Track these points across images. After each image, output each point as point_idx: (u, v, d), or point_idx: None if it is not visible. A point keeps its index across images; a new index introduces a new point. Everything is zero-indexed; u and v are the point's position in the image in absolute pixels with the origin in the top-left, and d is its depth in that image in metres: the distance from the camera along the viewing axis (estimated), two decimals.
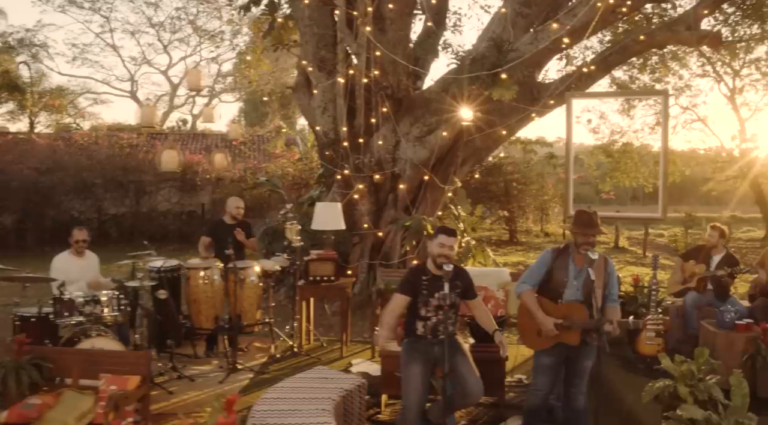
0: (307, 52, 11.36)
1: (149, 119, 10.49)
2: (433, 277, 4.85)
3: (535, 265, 4.98)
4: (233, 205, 8.05)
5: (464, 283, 4.93)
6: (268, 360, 7.38)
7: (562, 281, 4.77)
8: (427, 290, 4.85)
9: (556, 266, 4.82)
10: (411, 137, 10.64)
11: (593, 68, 11.38)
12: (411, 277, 5.00)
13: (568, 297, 4.75)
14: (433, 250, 4.83)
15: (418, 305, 4.88)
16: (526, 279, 4.93)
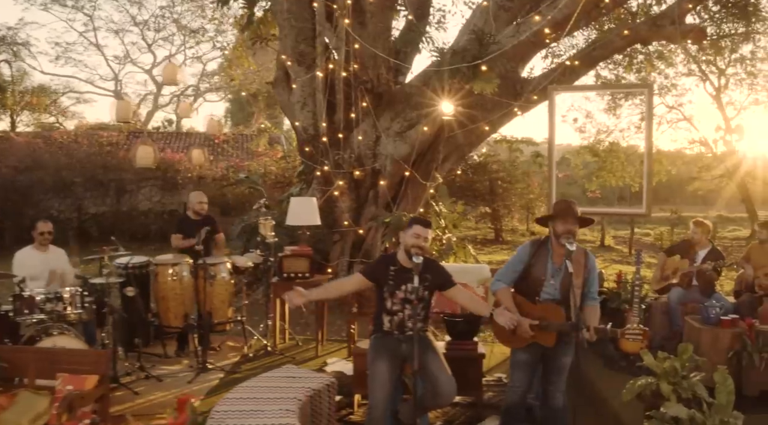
0: (286, 47, 11.13)
1: (125, 114, 10.21)
2: (401, 268, 4.65)
3: (512, 261, 4.73)
4: (195, 200, 7.82)
5: (436, 275, 4.70)
6: (240, 359, 7.14)
7: (539, 280, 4.53)
8: (393, 280, 4.65)
9: (534, 262, 4.58)
10: (391, 132, 10.44)
11: (577, 64, 11.22)
12: (378, 264, 4.85)
13: (546, 296, 4.51)
14: (407, 240, 4.62)
15: (384, 296, 4.69)
16: (502, 276, 4.68)
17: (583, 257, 4.52)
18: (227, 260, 7.24)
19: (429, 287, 4.70)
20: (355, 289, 4.90)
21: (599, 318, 4.56)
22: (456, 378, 4.71)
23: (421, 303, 4.63)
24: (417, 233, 4.58)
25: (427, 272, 4.49)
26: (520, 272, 4.60)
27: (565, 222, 4.42)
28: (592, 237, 22.22)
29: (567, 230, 4.39)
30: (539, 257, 4.57)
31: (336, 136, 10.53)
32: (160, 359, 7.09)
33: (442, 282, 4.76)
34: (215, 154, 22.20)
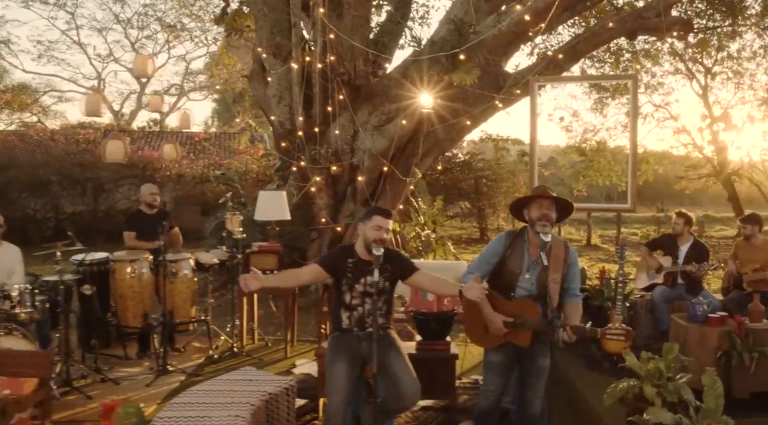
0: (262, 39, 10.80)
1: (94, 108, 9.83)
2: (360, 261, 4.32)
3: (486, 253, 4.34)
4: (147, 191, 7.46)
5: (396, 264, 4.38)
6: (204, 361, 6.77)
7: (514, 274, 4.14)
8: (352, 273, 4.32)
9: (510, 254, 4.19)
10: (369, 126, 10.12)
11: (561, 57, 10.93)
12: (335, 256, 4.52)
13: (521, 292, 4.14)
14: (368, 234, 4.25)
15: (342, 290, 4.35)
16: (474, 269, 4.29)
17: (562, 251, 4.15)
18: (190, 257, 6.89)
19: (390, 278, 4.37)
20: (311, 279, 4.66)
21: (581, 317, 4.20)
22: (428, 380, 4.39)
23: (383, 297, 4.30)
24: (378, 224, 4.23)
25: (387, 262, 4.17)
26: (495, 265, 4.23)
27: (540, 206, 4.05)
28: (579, 236, 21.98)
29: (542, 215, 4.01)
30: (515, 249, 4.19)
31: (312, 130, 10.20)
32: (121, 361, 6.72)
33: (403, 270, 4.42)
34: (195, 152, 21.83)
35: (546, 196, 4.11)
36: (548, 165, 29.12)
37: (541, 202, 4.08)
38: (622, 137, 23.44)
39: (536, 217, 4.05)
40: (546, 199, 4.09)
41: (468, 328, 4.34)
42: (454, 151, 21.16)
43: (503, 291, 4.16)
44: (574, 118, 25.02)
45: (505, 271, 4.18)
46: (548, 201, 4.08)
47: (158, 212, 7.40)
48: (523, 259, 4.14)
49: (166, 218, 7.23)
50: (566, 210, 4.26)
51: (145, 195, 7.44)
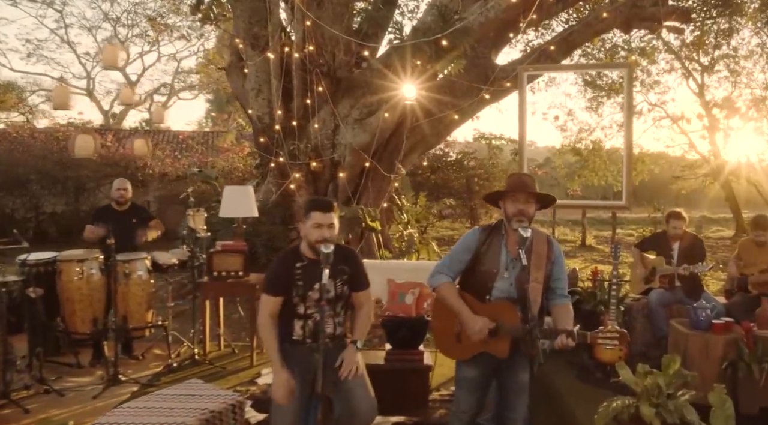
0: (239, 29, 10.27)
1: (63, 101, 9.26)
2: (309, 263, 3.69)
3: (457, 249, 3.77)
4: (114, 187, 6.92)
5: (353, 266, 3.80)
6: (163, 369, 6.21)
7: (491, 272, 3.59)
8: (302, 280, 3.68)
9: (485, 251, 3.64)
10: (350, 119, 9.59)
11: (552, 49, 10.44)
12: (279, 269, 3.79)
13: (498, 293, 3.59)
14: (310, 235, 3.66)
15: (294, 302, 3.71)
16: (443, 268, 3.74)
17: (545, 246, 3.63)
18: (145, 256, 6.31)
19: (348, 282, 3.79)
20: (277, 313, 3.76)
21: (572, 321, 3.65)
22: (398, 394, 3.87)
23: (339, 302, 3.75)
24: (317, 222, 3.63)
25: (343, 262, 3.63)
26: (468, 263, 3.68)
27: (516, 201, 3.53)
28: (574, 237, 21.46)
29: (518, 210, 3.50)
30: (491, 245, 3.64)
31: (291, 124, 9.69)
32: (72, 369, 6.15)
33: (355, 279, 3.83)
34: (180, 151, 21.30)
35: (521, 190, 3.58)
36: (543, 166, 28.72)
37: (516, 197, 3.56)
38: (618, 137, 23.13)
39: (512, 213, 3.54)
40: (523, 192, 3.57)
41: (437, 336, 3.79)
42: (446, 149, 20.67)
43: (477, 293, 3.62)
44: (569, 117, 24.73)
45: (480, 270, 3.64)
46: (524, 196, 3.56)
47: (130, 209, 6.86)
48: (501, 256, 3.61)
49: (140, 214, 6.70)
50: (546, 200, 3.73)
51: (113, 191, 6.93)
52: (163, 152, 20.06)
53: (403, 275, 6.35)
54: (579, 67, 14.12)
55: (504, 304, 3.51)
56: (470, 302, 3.58)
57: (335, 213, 3.70)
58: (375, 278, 6.45)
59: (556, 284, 3.67)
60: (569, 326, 3.47)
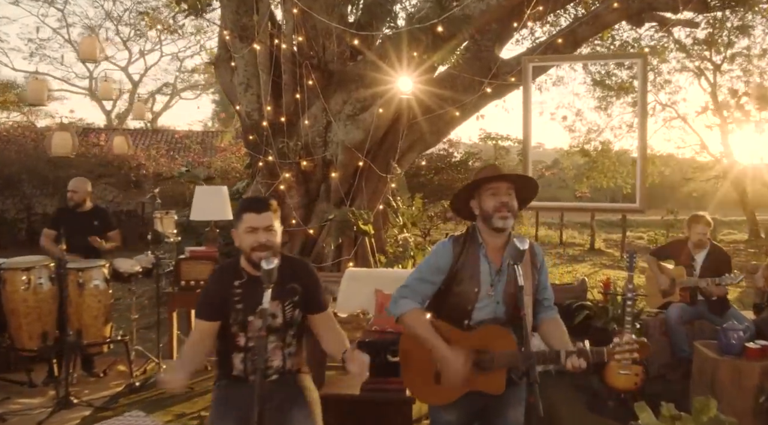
0: (226, 19, 9.65)
1: (38, 96, 8.69)
2: (250, 280, 3.00)
3: (425, 269, 3.07)
4: (69, 187, 6.32)
5: (309, 284, 3.10)
6: (123, 389, 5.59)
7: (470, 293, 2.92)
8: (242, 302, 2.99)
9: (461, 267, 2.95)
10: (343, 115, 8.95)
11: (560, 41, 9.77)
12: (213, 287, 3.11)
13: (482, 316, 2.92)
14: (243, 242, 2.99)
15: (232, 329, 3.03)
16: (407, 292, 3.04)
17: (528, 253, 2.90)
18: (102, 264, 5.69)
19: (300, 304, 3.09)
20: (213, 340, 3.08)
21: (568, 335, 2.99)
22: None
23: (290, 330, 3.07)
24: (250, 225, 2.95)
25: (293, 278, 2.99)
26: (440, 284, 3.01)
27: (496, 192, 2.88)
28: (582, 240, 20.78)
29: (500, 203, 2.85)
30: (468, 258, 2.96)
31: (280, 121, 9.07)
32: (22, 389, 5.54)
33: (310, 299, 3.12)
34: (176, 150, 20.73)
35: (500, 176, 2.92)
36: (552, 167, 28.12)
37: (495, 187, 2.89)
38: (627, 137, 22.59)
39: (492, 208, 2.88)
40: (501, 180, 2.90)
41: (409, 379, 3.09)
42: (450, 149, 20.03)
43: (453, 319, 2.95)
44: (577, 117, 24.11)
45: (456, 291, 2.97)
46: (505, 184, 2.89)
47: (91, 211, 6.25)
48: (481, 270, 2.93)
49: (101, 218, 6.10)
50: (529, 191, 3.06)
51: (68, 191, 6.33)
52: (158, 151, 19.49)
53: (393, 285, 5.68)
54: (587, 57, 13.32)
55: (493, 329, 2.86)
56: (447, 332, 2.91)
57: (274, 213, 3.01)
58: (362, 289, 5.84)
59: (543, 295, 3.05)
60: (567, 342, 2.85)
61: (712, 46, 20.15)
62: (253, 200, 3.19)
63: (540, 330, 3.00)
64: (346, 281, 5.94)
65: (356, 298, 5.77)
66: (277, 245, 2.97)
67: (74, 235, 5.72)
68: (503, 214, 2.83)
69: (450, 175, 19.38)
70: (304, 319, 3.15)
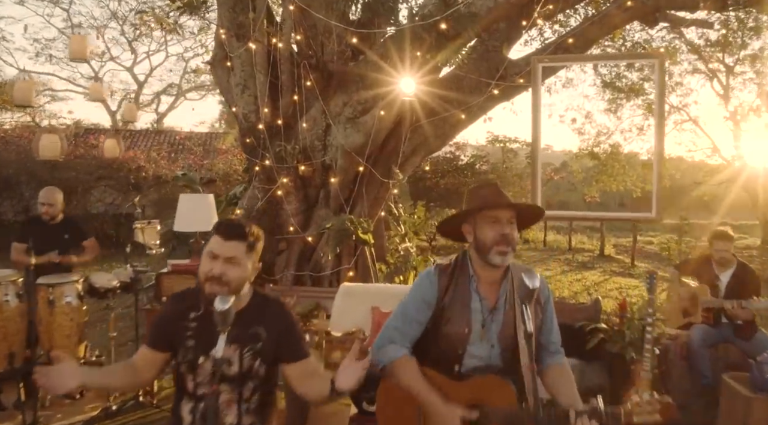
0: (223, 18, 9.27)
1: (26, 96, 8.33)
2: (206, 314, 2.52)
3: (409, 306, 2.64)
4: (39, 200, 5.93)
5: (274, 331, 2.63)
6: (99, 413, 5.19)
7: (459, 333, 2.50)
8: (194, 339, 2.56)
9: (449, 303, 2.52)
10: (342, 118, 8.56)
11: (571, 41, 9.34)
12: (168, 313, 2.70)
13: (474, 362, 2.51)
14: (201, 267, 2.56)
15: (181, 371, 2.61)
16: (395, 334, 2.61)
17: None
18: (76, 279, 5.28)
19: (263, 353, 2.61)
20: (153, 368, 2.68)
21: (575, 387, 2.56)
22: None
23: (249, 382, 2.61)
24: (212, 251, 2.54)
25: (260, 321, 2.56)
26: (427, 322, 2.58)
27: (495, 221, 2.45)
28: (592, 246, 20.31)
29: (500, 236, 2.42)
30: (457, 293, 2.53)
31: (278, 124, 8.68)
32: None
33: (281, 346, 2.64)
34: (176, 152, 20.37)
35: (503, 204, 2.49)
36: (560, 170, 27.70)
37: (496, 215, 2.46)
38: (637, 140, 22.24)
39: (490, 240, 2.45)
40: (503, 209, 2.47)
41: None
42: (456, 152, 19.63)
43: (441, 364, 2.53)
44: (586, 120, 23.67)
45: (443, 332, 2.55)
46: (508, 212, 2.46)
47: (62, 222, 5.85)
48: (472, 308, 2.51)
49: (72, 229, 5.70)
50: (533, 213, 2.65)
51: (39, 204, 5.90)
52: (158, 153, 19.15)
53: (390, 302, 5.34)
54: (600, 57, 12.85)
55: (489, 380, 2.42)
56: (434, 381, 2.49)
57: (247, 247, 2.55)
58: (357, 306, 5.43)
59: (548, 338, 2.61)
60: (576, 397, 2.44)
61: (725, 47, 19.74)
62: (228, 223, 2.66)
63: (544, 379, 2.58)
64: (340, 297, 5.54)
65: (351, 315, 5.39)
66: (235, 283, 2.52)
67: (43, 249, 5.34)
68: (503, 248, 2.42)
69: (456, 179, 19.02)
70: (271, 373, 2.68)
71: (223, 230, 2.57)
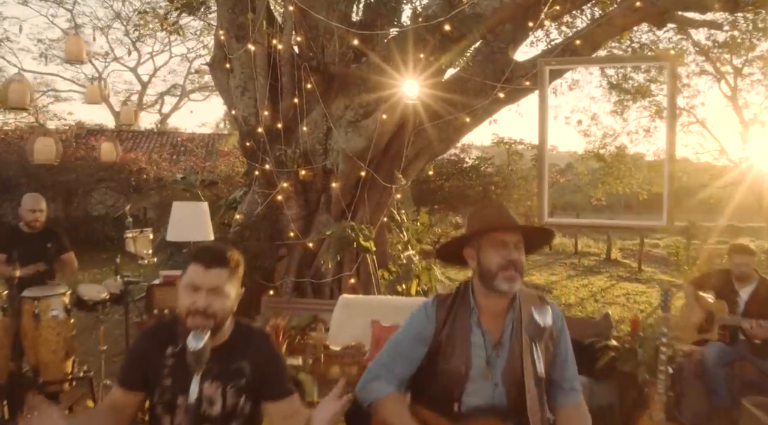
0: (222, 18, 9.09)
1: (20, 98, 8.11)
2: (184, 350, 2.21)
3: (401, 338, 2.44)
4: (26, 206, 5.68)
5: (258, 365, 2.41)
6: None
7: (459, 372, 2.27)
8: (172, 377, 2.34)
9: (447, 339, 2.30)
10: (344, 121, 8.36)
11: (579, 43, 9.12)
12: (142, 349, 2.44)
13: (476, 401, 2.26)
14: (180, 300, 2.34)
15: (156, 412, 2.38)
16: (382, 370, 2.40)
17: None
18: (63, 292, 5.06)
19: (247, 389, 2.40)
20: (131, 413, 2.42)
21: None
22: None
23: (232, 422, 2.38)
24: (192, 282, 2.32)
25: (244, 355, 2.34)
26: (420, 360, 2.37)
27: (501, 245, 2.21)
28: (598, 249, 20.05)
29: (506, 262, 2.18)
30: (456, 328, 2.30)
31: (277, 127, 8.49)
32: None
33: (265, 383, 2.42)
34: (178, 154, 20.18)
35: (509, 226, 2.26)
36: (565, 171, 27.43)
37: (501, 238, 2.22)
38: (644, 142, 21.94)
39: (496, 265, 2.21)
40: (510, 231, 2.24)
41: None
42: (461, 155, 19.39)
43: (438, 405, 2.30)
44: (592, 121, 23.39)
45: (441, 370, 2.32)
46: (515, 236, 2.23)
47: (43, 231, 5.63)
48: (472, 343, 2.28)
49: (54, 240, 5.49)
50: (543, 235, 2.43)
51: (23, 211, 5.67)
52: (160, 155, 18.97)
53: (391, 316, 5.15)
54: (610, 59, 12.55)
55: (492, 423, 2.18)
56: (430, 421, 2.26)
57: (231, 272, 2.33)
58: (357, 319, 5.21)
59: (562, 374, 2.35)
60: None
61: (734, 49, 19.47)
62: (207, 250, 2.42)
63: (557, 420, 2.33)
64: (339, 310, 5.33)
65: (350, 329, 5.18)
66: (221, 314, 2.31)
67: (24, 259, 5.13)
68: (510, 274, 2.18)
69: (461, 181, 18.76)
70: (255, 411, 2.48)
71: (203, 257, 2.34)
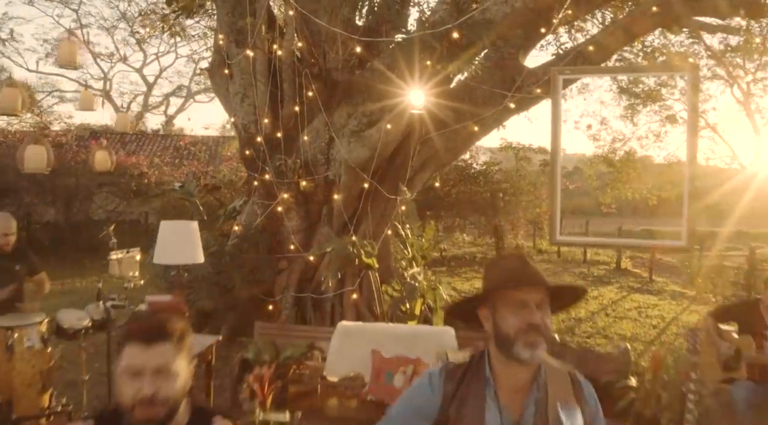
0: (221, 22, 8.78)
1: (12, 104, 7.82)
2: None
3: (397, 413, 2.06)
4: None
5: None
6: None
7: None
8: None
9: (456, 414, 1.92)
10: (347, 131, 8.02)
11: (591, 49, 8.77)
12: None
13: None
14: (121, 389, 1.88)
15: None
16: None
17: (569, 392, 1.91)
18: (38, 320, 4.70)
19: None
20: None
21: None
22: None
23: None
24: (132, 366, 1.88)
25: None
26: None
27: (522, 306, 1.83)
28: (607, 258, 19.63)
29: (527, 325, 1.80)
30: (466, 401, 1.92)
31: (277, 135, 8.17)
32: None
33: None
34: (181, 157, 19.86)
35: (531, 282, 1.90)
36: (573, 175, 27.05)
37: (522, 297, 1.85)
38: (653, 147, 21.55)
39: (515, 330, 1.83)
40: (534, 289, 1.88)
41: None
42: (469, 160, 19.00)
43: None
44: (602, 126, 23.00)
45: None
46: (538, 294, 1.86)
47: (13, 253, 5.27)
48: (487, 421, 1.89)
49: (22, 261, 5.15)
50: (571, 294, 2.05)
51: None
52: (162, 159, 18.65)
53: (393, 346, 4.80)
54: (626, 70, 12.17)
55: None
56: None
57: (170, 344, 1.93)
58: (356, 349, 4.85)
59: None
60: None
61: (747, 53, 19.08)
62: (141, 325, 1.97)
63: None
64: (337, 338, 4.97)
65: (349, 359, 4.82)
66: (173, 399, 1.92)
67: None
68: (531, 339, 1.80)
69: (468, 187, 18.39)
70: None
71: (140, 334, 1.92)
